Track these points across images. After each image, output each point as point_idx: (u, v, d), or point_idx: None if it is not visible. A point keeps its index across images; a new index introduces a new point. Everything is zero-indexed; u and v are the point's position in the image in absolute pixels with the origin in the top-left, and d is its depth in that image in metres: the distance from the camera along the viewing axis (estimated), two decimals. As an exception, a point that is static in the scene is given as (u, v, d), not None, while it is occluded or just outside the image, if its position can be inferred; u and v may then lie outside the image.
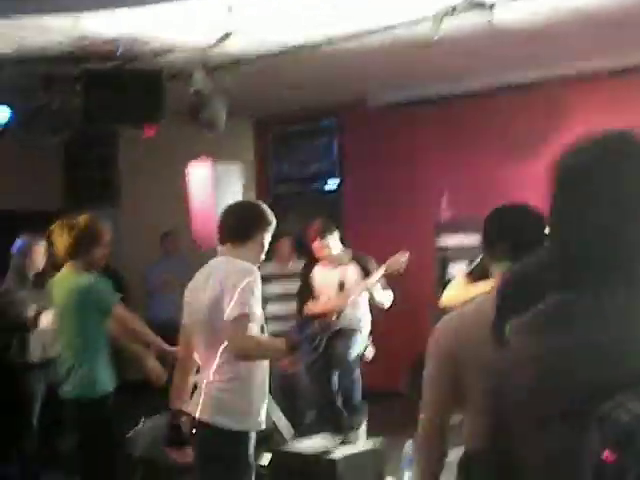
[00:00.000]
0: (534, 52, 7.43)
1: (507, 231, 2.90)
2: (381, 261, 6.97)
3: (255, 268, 4.15)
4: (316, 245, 6.79)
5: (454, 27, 6.07)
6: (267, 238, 4.33)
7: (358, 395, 6.73)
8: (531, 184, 8.21)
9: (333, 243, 6.79)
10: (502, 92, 8.61)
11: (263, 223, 4.29)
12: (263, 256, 4.36)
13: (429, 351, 2.76)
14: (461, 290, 5.00)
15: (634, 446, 1.51)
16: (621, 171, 1.71)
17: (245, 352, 4.01)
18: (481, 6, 5.64)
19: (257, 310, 4.03)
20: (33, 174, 9.59)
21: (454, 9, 5.56)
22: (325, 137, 10.51)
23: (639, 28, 6.61)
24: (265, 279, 8.24)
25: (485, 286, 4.24)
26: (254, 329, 4.02)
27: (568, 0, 5.90)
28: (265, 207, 4.37)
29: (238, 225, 4.26)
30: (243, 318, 3.93)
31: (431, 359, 2.75)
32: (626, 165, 1.72)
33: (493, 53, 7.36)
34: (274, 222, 4.32)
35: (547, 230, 1.92)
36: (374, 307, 6.94)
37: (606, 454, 1.53)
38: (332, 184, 10.51)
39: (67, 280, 5.17)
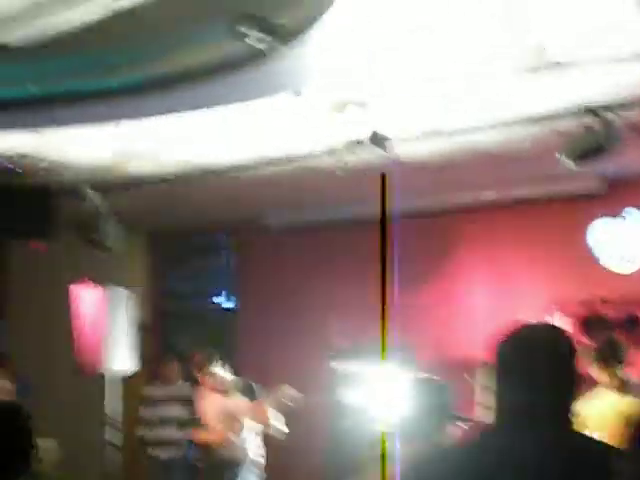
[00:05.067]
0: (435, 181, 7.54)
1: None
2: (274, 384, 6.82)
3: None
4: (201, 377, 6.66)
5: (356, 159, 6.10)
6: None
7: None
8: (423, 309, 8.32)
9: (217, 372, 6.65)
10: (400, 217, 8.67)
11: None
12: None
13: None
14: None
15: None
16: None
17: None
18: (383, 143, 5.67)
19: None
20: None
21: (358, 143, 5.58)
22: (218, 254, 10.39)
23: (531, 162, 6.82)
24: (152, 401, 8.08)
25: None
26: None
27: (467, 138, 6.00)
28: None
29: None
30: None
31: None
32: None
33: (394, 182, 7.42)
34: None
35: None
36: (268, 436, 6.77)
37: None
38: (225, 302, 10.35)
39: None
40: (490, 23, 4.07)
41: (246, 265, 10.09)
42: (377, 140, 5.57)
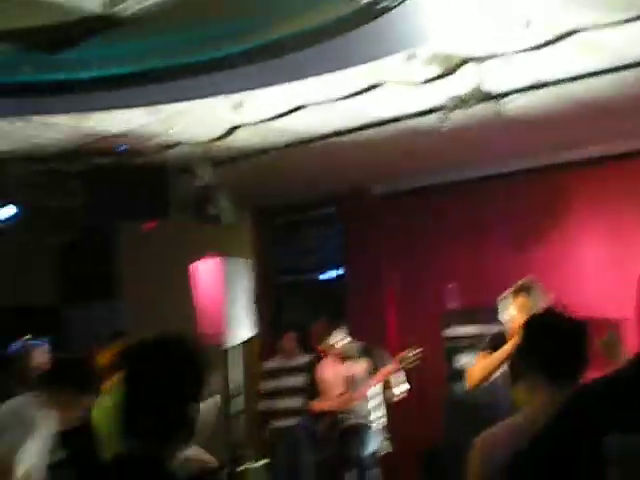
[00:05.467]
0: (538, 140, 7.44)
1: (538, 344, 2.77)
2: (388, 350, 6.85)
3: None
4: (320, 348, 6.72)
5: (461, 117, 6.07)
6: None
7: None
8: (537, 270, 8.20)
9: (340, 338, 6.69)
10: (506, 179, 8.59)
11: None
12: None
13: (473, 468, 2.60)
14: (481, 364, 4.99)
15: None
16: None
17: None
18: (490, 98, 5.62)
19: None
20: (30, 269, 9.49)
21: (463, 101, 5.53)
22: (327, 226, 10.44)
23: (636, 116, 6.66)
24: (270, 374, 8.21)
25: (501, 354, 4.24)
26: None
27: (570, 88, 5.90)
28: None
29: None
30: None
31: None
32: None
33: (499, 141, 7.35)
34: None
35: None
36: (387, 401, 6.80)
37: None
38: (335, 274, 10.40)
39: None
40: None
41: (354, 234, 10.13)
42: (483, 95, 5.51)
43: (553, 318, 2.92)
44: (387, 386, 6.65)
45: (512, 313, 5.28)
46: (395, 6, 3.90)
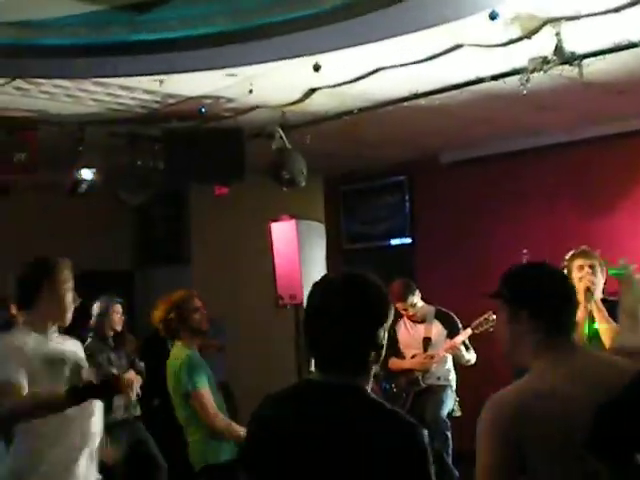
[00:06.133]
0: (615, 106, 7.33)
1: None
2: (459, 318, 6.86)
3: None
4: (399, 306, 6.73)
5: (540, 80, 6.01)
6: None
7: (449, 458, 6.55)
8: (608, 237, 8.13)
9: (416, 301, 6.72)
10: (578, 145, 8.50)
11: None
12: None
13: (485, 434, 2.59)
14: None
15: None
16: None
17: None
18: (571, 60, 5.54)
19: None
20: (106, 234, 9.66)
21: (545, 62, 5.46)
22: (396, 194, 10.44)
23: None
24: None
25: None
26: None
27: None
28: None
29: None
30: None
31: (489, 442, 2.57)
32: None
33: (573, 107, 7.27)
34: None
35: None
36: (457, 365, 6.83)
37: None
38: (403, 241, 10.41)
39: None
40: None
41: (423, 202, 10.13)
42: (565, 57, 5.44)
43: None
44: (458, 351, 6.67)
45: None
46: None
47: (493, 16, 4.72)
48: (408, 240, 10.35)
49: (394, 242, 10.50)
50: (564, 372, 2.55)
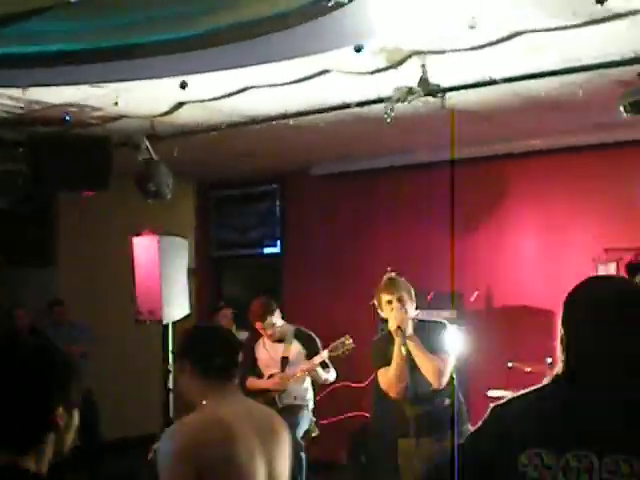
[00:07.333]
0: (481, 131, 7.56)
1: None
2: (321, 332, 6.91)
3: None
4: (258, 326, 6.74)
5: (404, 106, 6.13)
6: None
7: (303, 476, 6.60)
8: (473, 256, 8.37)
9: (275, 321, 6.72)
10: (442, 165, 8.71)
11: None
12: None
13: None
14: None
15: None
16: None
17: None
18: (435, 91, 5.68)
19: None
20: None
21: (410, 92, 5.58)
22: (267, 201, 10.48)
23: (574, 111, 6.81)
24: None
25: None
26: None
27: (518, 86, 6.00)
28: None
29: None
30: None
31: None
32: None
33: (441, 131, 7.45)
34: None
35: None
36: (315, 382, 6.87)
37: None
38: (273, 249, 10.46)
39: None
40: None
41: (293, 213, 10.20)
42: (429, 89, 5.58)
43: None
44: (314, 372, 6.69)
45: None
46: (345, 3, 3.94)
47: (358, 49, 4.81)
48: (278, 250, 10.39)
49: (266, 251, 10.53)
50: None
